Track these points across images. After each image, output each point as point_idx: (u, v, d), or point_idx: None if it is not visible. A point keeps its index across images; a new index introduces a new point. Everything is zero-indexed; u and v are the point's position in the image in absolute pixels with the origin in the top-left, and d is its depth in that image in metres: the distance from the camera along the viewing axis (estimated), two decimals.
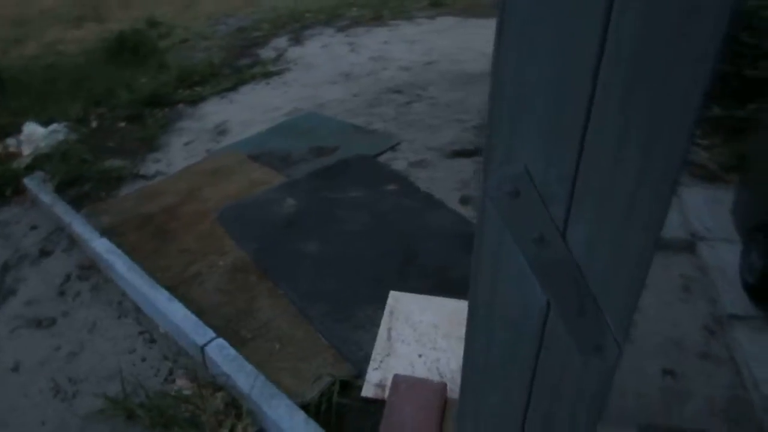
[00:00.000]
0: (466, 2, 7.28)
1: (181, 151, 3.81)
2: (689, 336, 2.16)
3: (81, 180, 3.43)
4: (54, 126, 3.87)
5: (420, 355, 2.11)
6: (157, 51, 5.79)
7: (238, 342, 2.17)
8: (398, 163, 3.41)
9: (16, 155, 3.79)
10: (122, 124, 4.22)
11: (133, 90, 4.67)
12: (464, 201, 3.02)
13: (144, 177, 3.50)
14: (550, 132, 0.98)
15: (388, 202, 3.03)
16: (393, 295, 2.37)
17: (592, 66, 0.89)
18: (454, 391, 1.94)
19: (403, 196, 3.08)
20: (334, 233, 2.82)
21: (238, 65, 5.43)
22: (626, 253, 1.10)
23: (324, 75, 5.06)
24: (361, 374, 2.04)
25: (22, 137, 3.90)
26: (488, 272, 1.18)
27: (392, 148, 3.58)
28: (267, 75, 5.14)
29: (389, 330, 2.21)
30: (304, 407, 1.86)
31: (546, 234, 1.10)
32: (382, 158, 3.49)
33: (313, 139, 3.80)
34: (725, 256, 2.42)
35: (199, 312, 2.31)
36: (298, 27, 6.72)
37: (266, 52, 5.80)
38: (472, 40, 5.75)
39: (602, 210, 1.05)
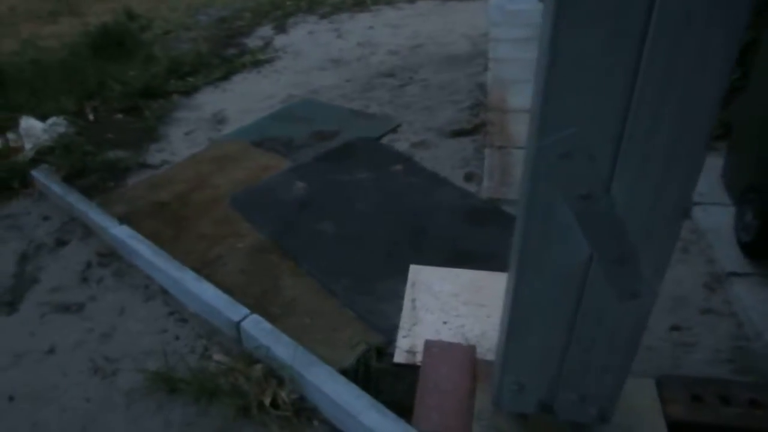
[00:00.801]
0: None
1: (183, 140, 3.85)
2: (692, 294, 2.32)
3: (87, 171, 3.46)
4: (53, 119, 3.87)
5: (445, 323, 2.23)
6: (142, 43, 5.76)
7: (269, 318, 2.26)
8: (400, 144, 3.52)
9: (19, 149, 3.79)
10: (119, 116, 4.23)
11: (124, 82, 4.67)
12: (468, 178, 3.14)
13: (150, 166, 3.54)
14: (600, 97, 1.11)
15: (395, 182, 3.14)
16: (413, 268, 2.49)
17: (639, 35, 1.01)
18: (480, 353, 2.07)
19: (410, 175, 3.19)
20: (347, 213, 2.92)
21: (226, 55, 5.45)
22: (664, 207, 1.24)
23: (313, 62, 5.12)
24: (391, 342, 2.16)
25: (21, 131, 3.89)
26: (538, 226, 1.31)
27: (393, 130, 3.68)
28: (257, 63, 5.17)
29: (413, 300, 2.33)
30: (343, 373, 1.97)
31: (593, 191, 1.24)
32: (384, 140, 3.59)
33: (312, 125, 3.87)
34: (719, 219, 2.60)
35: (227, 292, 2.39)
36: (280, 15, 6.73)
37: (253, 41, 5.82)
38: (453, 23, 5.86)
39: (644, 167, 1.19)
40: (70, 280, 2.65)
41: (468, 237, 2.71)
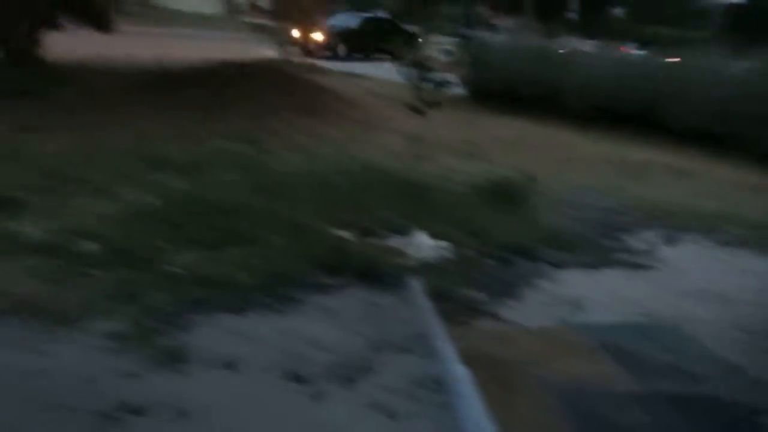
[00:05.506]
0: None
1: (536, 308, 3.92)
2: None
3: (446, 298, 3.77)
4: (442, 243, 4.43)
5: None
6: (529, 205, 6.22)
7: None
8: None
9: (398, 253, 4.39)
10: (488, 261, 4.58)
11: (504, 233, 5.05)
12: None
13: (500, 318, 3.68)
14: None
15: None
16: None
17: None
18: None
19: None
20: None
21: (600, 244, 5.45)
22: None
23: (693, 288, 4.68)
24: None
25: (409, 240, 4.55)
26: None
27: None
28: (629, 265, 5.01)
29: None
30: None
31: None
32: None
33: (674, 358, 3.47)
34: None
35: None
36: (670, 225, 6.45)
37: (632, 241, 5.68)
38: None
39: None
40: (401, 387, 2.83)
41: None
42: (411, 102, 5.98)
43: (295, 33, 20.35)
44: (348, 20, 22.33)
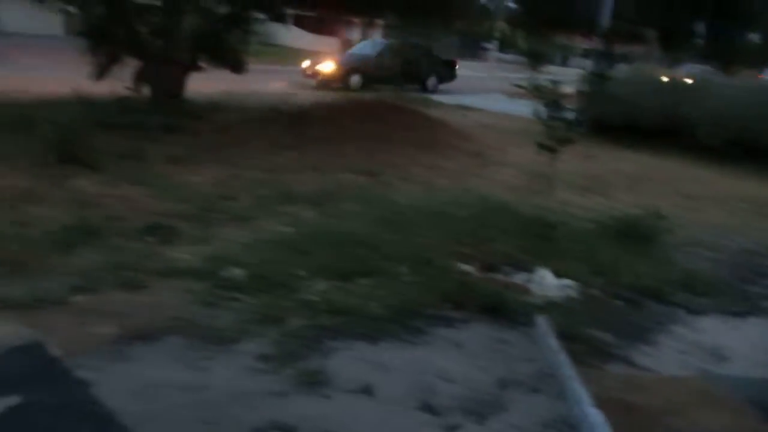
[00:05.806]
0: None
1: (673, 355, 3.73)
2: None
3: (573, 338, 3.69)
4: (568, 281, 4.34)
5: None
6: (658, 244, 5.91)
7: None
8: None
9: (522, 290, 4.37)
10: (617, 303, 4.41)
11: (633, 274, 4.84)
12: None
13: (631, 363, 3.54)
14: None
15: None
16: None
17: None
18: None
19: None
20: None
21: (743, 290, 5.07)
22: None
23: None
24: None
25: (533, 277, 4.50)
26: None
27: None
28: None
29: None
30: None
31: None
32: None
33: None
34: None
35: None
36: None
37: None
38: None
39: None
40: (528, 427, 2.82)
41: None
42: (542, 140, 5.96)
43: (305, 64, 19.68)
44: (366, 48, 20.53)
